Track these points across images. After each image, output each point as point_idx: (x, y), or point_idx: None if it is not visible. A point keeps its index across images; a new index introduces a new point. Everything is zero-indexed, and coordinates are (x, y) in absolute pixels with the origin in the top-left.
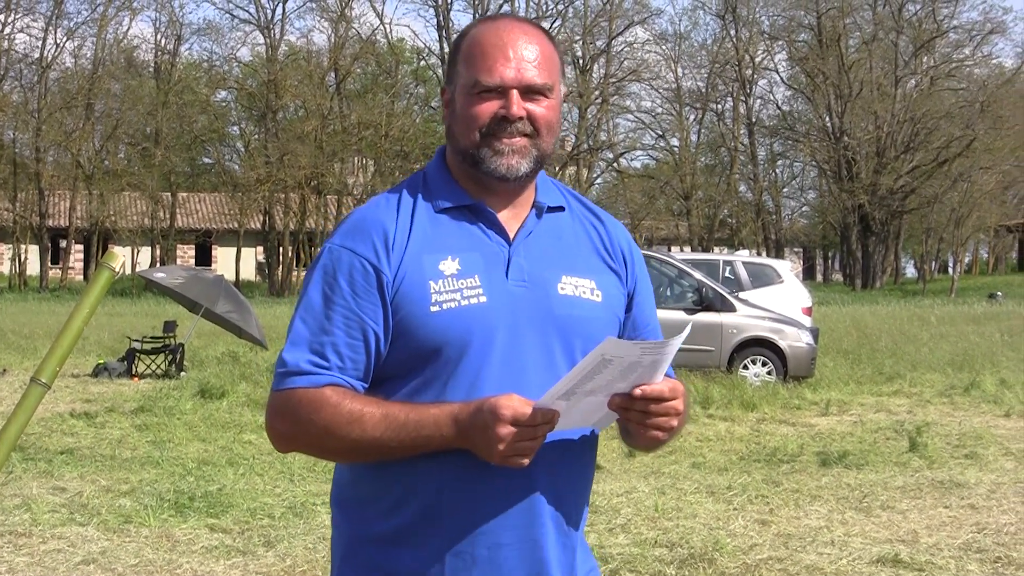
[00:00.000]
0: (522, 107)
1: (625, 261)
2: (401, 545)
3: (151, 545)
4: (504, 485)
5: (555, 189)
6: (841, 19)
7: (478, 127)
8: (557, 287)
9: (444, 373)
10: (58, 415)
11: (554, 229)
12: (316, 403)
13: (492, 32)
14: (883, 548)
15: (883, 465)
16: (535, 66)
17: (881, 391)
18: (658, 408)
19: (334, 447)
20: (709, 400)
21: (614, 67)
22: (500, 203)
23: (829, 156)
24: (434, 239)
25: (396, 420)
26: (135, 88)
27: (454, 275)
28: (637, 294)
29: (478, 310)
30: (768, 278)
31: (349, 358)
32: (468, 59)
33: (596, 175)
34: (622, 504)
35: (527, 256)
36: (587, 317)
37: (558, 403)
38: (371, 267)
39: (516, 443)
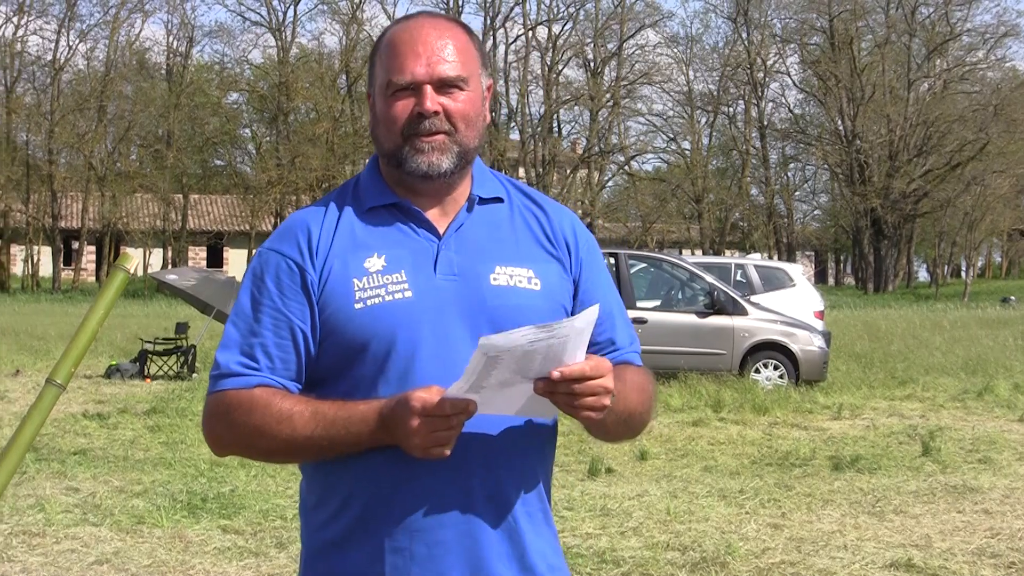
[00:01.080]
0: (436, 102)
1: (569, 248)
2: (346, 548)
3: (164, 546)
4: (440, 480)
5: (494, 181)
6: (853, 22)
7: (398, 128)
8: (490, 278)
9: (373, 370)
10: (71, 416)
11: (489, 221)
12: (247, 404)
13: (403, 31)
14: (896, 553)
15: (896, 469)
16: (446, 59)
17: (894, 395)
18: (583, 388)
19: (267, 447)
20: (721, 404)
21: (625, 70)
22: (430, 201)
23: (841, 159)
24: (360, 238)
25: (325, 417)
26: (147, 90)
27: (379, 271)
28: (584, 280)
29: (403, 305)
30: (780, 281)
31: (279, 358)
32: (382, 60)
33: (607, 178)
34: (634, 507)
35: (458, 250)
36: (523, 306)
37: (469, 394)
38: (296, 267)
39: (430, 434)
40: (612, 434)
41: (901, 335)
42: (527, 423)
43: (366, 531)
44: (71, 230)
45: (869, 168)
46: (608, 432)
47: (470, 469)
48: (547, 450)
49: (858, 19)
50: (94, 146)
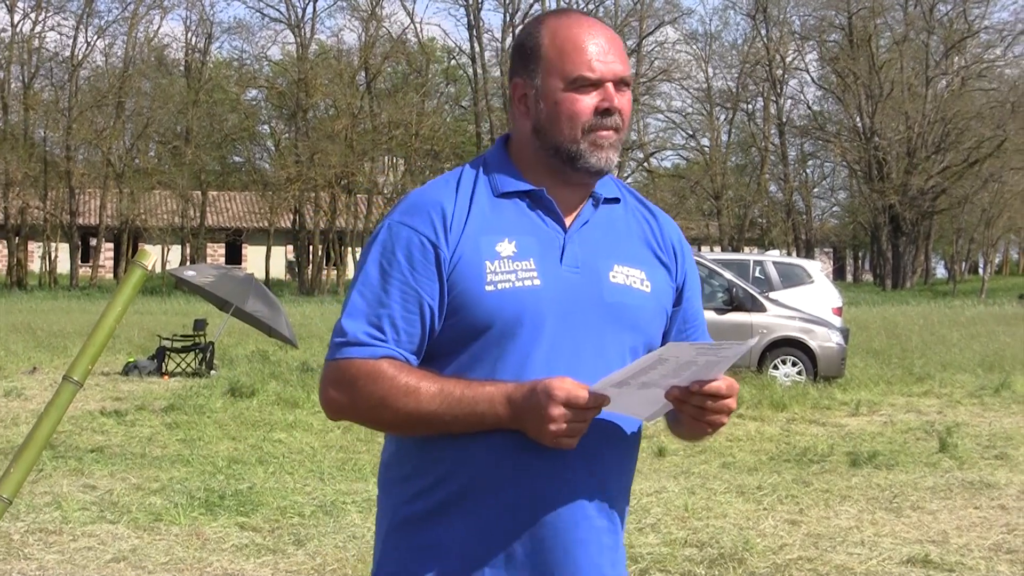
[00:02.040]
0: (620, 100)
1: (675, 255)
2: (437, 522)
3: (181, 543)
4: (544, 470)
5: (611, 181)
6: (872, 19)
7: (581, 122)
8: (609, 275)
9: (494, 352)
10: (88, 413)
11: (609, 220)
12: (373, 374)
13: (578, 27)
14: (913, 548)
15: (913, 465)
16: (621, 60)
17: (911, 391)
18: (714, 405)
19: (388, 418)
20: (739, 400)
21: (644, 67)
22: (561, 192)
23: (859, 156)
24: (492, 221)
25: (451, 395)
26: (165, 87)
27: (510, 257)
28: (686, 289)
29: (531, 292)
30: (798, 278)
31: (405, 331)
32: (560, 54)
33: (627, 175)
34: (652, 504)
35: (582, 244)
36: (636, 306)
37: (610, 390)
38: (429, 243)
39: (568, 424)
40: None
41: (919, 331)
42: (626, 428)
43: (461, 507)
44: (89, 227)
45: (887, 165)
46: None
47: (576, 460)
48: (636, 449)
49: (876, 16)
50: (112, 143)
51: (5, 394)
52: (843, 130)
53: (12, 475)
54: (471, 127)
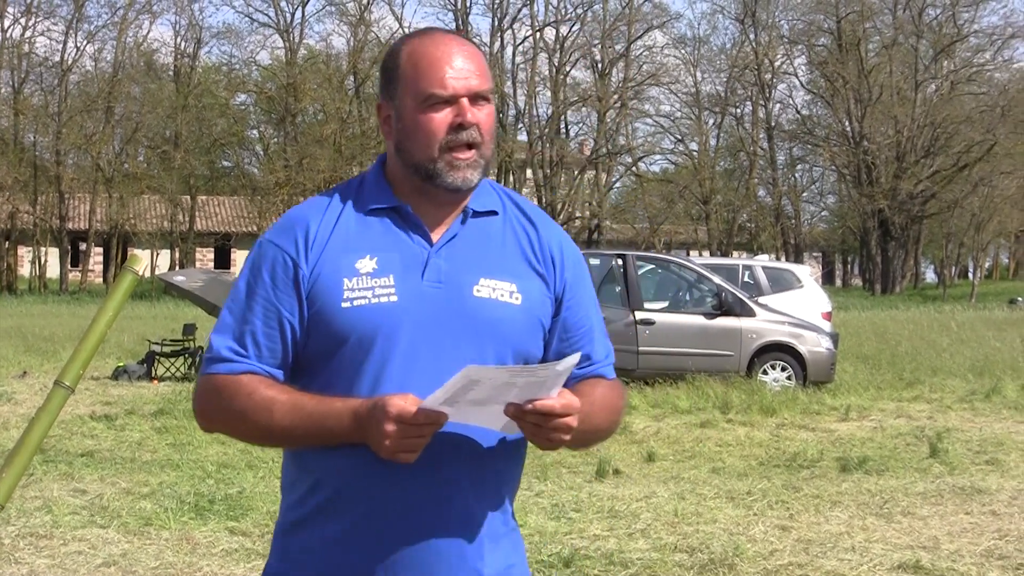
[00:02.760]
0: (475, 115)
1: (554, 264)
2: (311, 528)
3: (171, 548)
4: (405, 476)
5: (492, 193)
6: (861, 23)
7: (437, 140)
8: (473, 289)
9: (352, 368)
10: (78, 418)
11: (481, 233)
12: (232, 388)
13: (433, 45)
14: (904, 554)
15: (904, 471)
16: (477, 74)
17: (901, 396)
18: (550, 424)
19: (248, 432)
20: (728, 405)
21: (633, 71)
22: (431, 208)
23: (849, 160)
24: (356, 238)
25: (303, 410)
26: (155, 91)
27: (369, 273)
28: (568, 298)
29: (386, 308)
30: (787, 283)
31: (267, 347)
32: (415, 73)
33: (615, 179)
34: (642, 509)
35: (448, 259)
36: (502, 319)
37: (443, 407)
38: (291, 261)
39: (402, 440)
40: (573, 447)
41: (909, 336)
42: (482, 439)
43: (331, 514)
44: (78, 231)
45: (876, 169)
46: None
47: (437, 473)
48: (515, 457)
49: (865, 20)
50: (101, 147)
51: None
52: (832, 134)
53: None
54: None
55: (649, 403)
